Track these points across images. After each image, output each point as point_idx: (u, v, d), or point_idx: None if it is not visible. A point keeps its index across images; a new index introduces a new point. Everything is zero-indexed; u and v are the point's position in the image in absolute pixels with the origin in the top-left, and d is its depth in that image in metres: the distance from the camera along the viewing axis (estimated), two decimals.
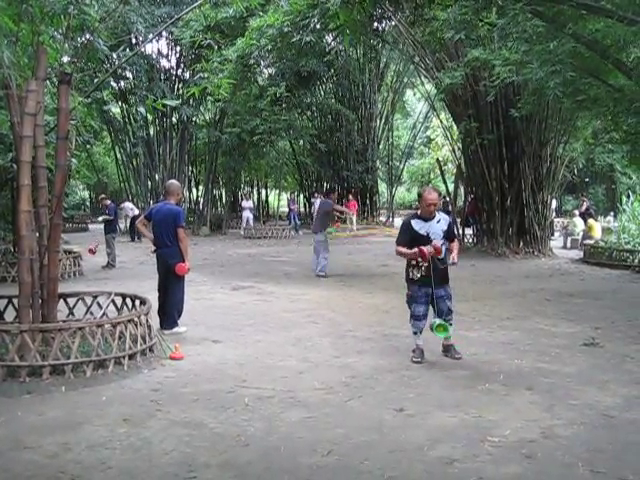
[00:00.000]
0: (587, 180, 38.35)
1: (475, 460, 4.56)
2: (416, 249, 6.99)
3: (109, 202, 18.35)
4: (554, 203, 24.90)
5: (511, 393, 6.12)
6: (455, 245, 7.49)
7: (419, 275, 7.12)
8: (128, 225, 26.98)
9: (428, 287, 7.14)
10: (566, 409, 5.65)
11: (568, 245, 22.88)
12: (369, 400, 5.93)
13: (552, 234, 23.45)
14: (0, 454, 4.66)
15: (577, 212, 24.66)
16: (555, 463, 4.52)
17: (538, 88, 12.63)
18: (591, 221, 22.45)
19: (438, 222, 7.23)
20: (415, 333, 7.33)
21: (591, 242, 19.22)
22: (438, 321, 7.09)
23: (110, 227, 17.38)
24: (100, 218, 18.31)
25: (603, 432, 5.11)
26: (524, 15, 9.97)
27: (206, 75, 9.17)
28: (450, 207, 22.48)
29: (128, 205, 26.41)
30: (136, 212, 24.53)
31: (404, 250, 7.17)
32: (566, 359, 7.42)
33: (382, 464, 4.51)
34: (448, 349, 7.40)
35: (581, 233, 22.41)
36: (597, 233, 21.19)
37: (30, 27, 7.39)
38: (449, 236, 7.37)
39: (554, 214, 26.72)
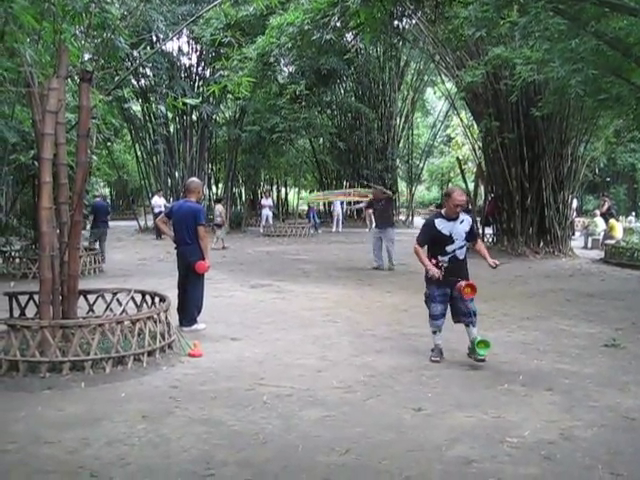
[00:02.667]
0: (608, 180, 38.04)
1: (494, 461, 4.54)
2: (432, 267, 7.02)
3: (97, 199, 18.29)
4: (575, 203, 24.74)
5: (530, 394, 6.09)
6: (482, 246, 7.50)
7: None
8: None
9: (446, 287, 7.11)
10: (586, 410, 5.61)
11: (589, 245, 22.71)
12: (388, 399, 5.92)
13: (573, 234, 23.29)
14: (20, 448, 4.70)
15: (598, 212, 24.48)
16: (574, 465, 4.49)
17: (560, 87, 12.55)
18: (612, 221, 22.30)
19: (461, 223, 7.18)
20: (434, 332, 7.30)
21: (612, 242, 19.09)
22: (479, 337, 7.07)
23: (92, 225, 17.67)
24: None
25: (623, 434, 5.07)
26: (546, 13, 9.91)
27: (226, 73, 9.18)
28: (470, 206, 22.38)
29: (160, 200, 25.70)
30: (161, 209, 23.97)
31: (422, 256, 7.16)
32: (586, 360, 7.37)
33: (400, 463, 4.49)
34: (473, 351, 7.35)
35: (602, 233, 22.26)
36: (618, 233, 21.05)
37: (52, 25, 7.44)
38: (472, 237, 7.35)
39: (575, 214, 26.55)
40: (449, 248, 7.09)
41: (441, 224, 7.14)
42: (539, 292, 12.44)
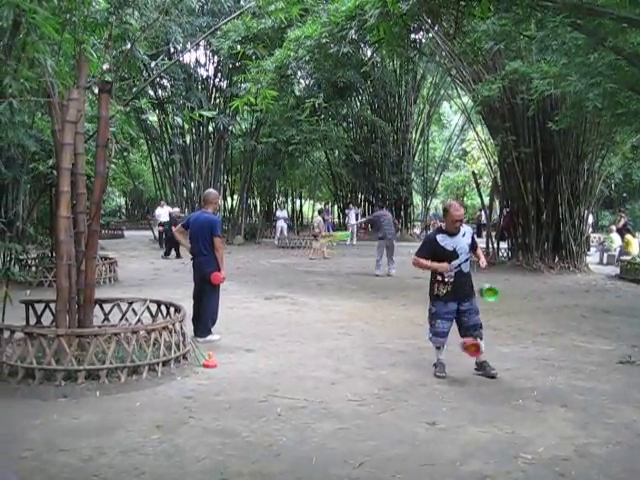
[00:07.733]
0: (625, 195, 37.83)
1: (508, 477, 4.51)
2: (438, 264, 7.02)
3: None
4: (590, 218, 24.63)
5: (545, 410, 6.06)
6: (480, 252, 7.52)
7: (445, 291, 7.06)
8: (157, 235, 25.86)
9: (454, 303, 7.09)
10: (601, 428, 5.57)
11: (604, 261, 22.58)
12: (402, 413, 5.91)
13: (588, 250, 23.17)
14: (36, 456, 4.73)
15: (614, 228, 24.34)
16: None
17: (577, 101, 12.53)
18: (628, 237, 22.17)
19: (464, 236, 7.15)
20: (438, 348, 7.27)
21: (628, 258, 18.96)
22: (487, 285, 7.07)
23: None
24: None
25: (639, 452, 5.03)
26: (564, 28, 9.91)
27: (248, 85, 9.19)
28: (485, 220, 22.27)
29: (163, 210, 25.15)
30: (165, 219, 23.67)
31: (424, 262, 7.14)
32: (601, 377, 7.32)
33: (414, 478, 4.48)
34: (482, 366, 7.26)
35: (618, 249, 22.13)
36: (634, 249, 20.92)
37: (73, 36, 7.51)
38: (473, 247, 7.33)
39: (590, 229, 26.42)
40: (454, 263, 7.05)
41: (444, 240, 7.09)
42: (554, 308, 12.37)
